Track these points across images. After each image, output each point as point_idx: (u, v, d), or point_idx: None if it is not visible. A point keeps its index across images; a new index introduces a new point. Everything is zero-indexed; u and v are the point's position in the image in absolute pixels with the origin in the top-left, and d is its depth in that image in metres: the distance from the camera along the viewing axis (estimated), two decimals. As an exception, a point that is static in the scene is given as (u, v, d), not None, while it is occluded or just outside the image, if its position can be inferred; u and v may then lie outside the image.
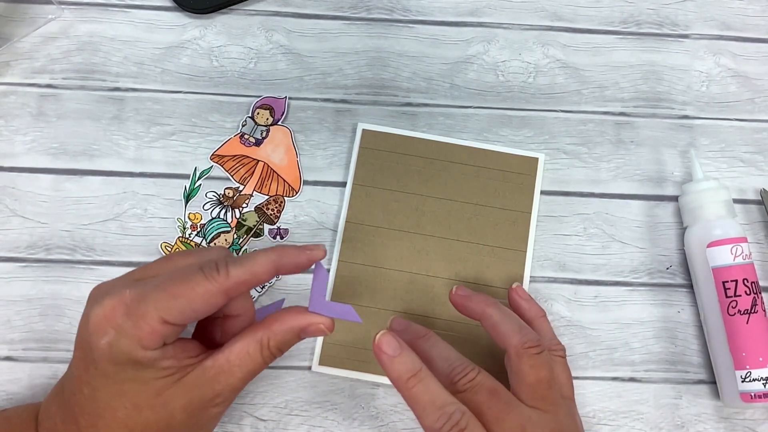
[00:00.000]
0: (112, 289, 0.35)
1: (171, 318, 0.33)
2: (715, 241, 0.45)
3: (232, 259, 0.35)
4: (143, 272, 0.36)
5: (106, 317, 0.33)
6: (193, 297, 0.33)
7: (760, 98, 0.53)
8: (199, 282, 0.34)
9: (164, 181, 0.49)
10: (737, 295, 0.44)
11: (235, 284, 0.34)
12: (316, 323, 0.36)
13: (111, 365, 0.33)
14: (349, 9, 0.54)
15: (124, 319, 0.33)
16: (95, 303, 0.34)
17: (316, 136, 0.51)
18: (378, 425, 0.46)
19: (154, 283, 0.34)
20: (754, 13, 0.55)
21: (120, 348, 0.33)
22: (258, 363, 0.36)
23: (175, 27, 0.53)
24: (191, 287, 0.33)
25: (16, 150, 0.49)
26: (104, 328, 0.33)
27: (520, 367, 0.38)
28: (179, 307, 0.33)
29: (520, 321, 0.41)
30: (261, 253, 0.36)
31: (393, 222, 0.48)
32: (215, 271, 0.34)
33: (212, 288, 0.34)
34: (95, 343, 0.33)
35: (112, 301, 0.33)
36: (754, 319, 0.44)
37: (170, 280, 0.34)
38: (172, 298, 0.33)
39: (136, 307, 0.33)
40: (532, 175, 0.50)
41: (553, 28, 0.54)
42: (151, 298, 0.33)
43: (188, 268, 0.35)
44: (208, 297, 0.34)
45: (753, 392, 0.43)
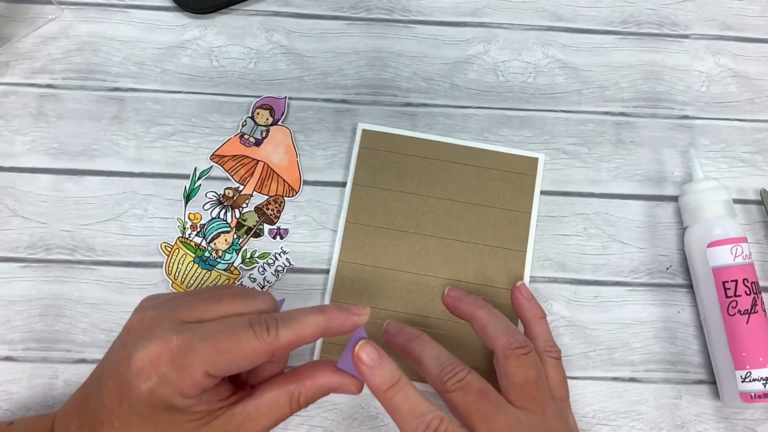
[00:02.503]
0: (158, 328, 0.34)
1: (215, 371, 0.33)
2: (715, 241, 0.45)
3: (281, 317, 0.35)
4: (190, 311, 0.35)
5: (151, 363, 0.33)
6: (240, 354, 0.33)
7: (760, 98, 0.53)
8: (249, 340, 0.33)
9: (164, 181, 0.49)
10: (737, 295, 0.44)
11: (283, 346, 0.34)
12: (347, 384, 0.37)
13: (147, 408, 0.33)
14: (349, 9, 0.54)
15: (169, 368, 0.33)
16: (139, 342, 0.34)
17: (316, 136, 0.51)
18: (378, 425, 0.46)
19: (202, 333, 0.33)
20: (754, 13, 0.55)
21: (160, 395, 0.33)
22: (285, 413, 0.36)
23: (175, 27, 0.53)
24: (240, 345, 0.33)
25: (16, 150, 0.49)
26: (148, 373, 0.33)
27: (507, 367, 0.39)
28: (225, 362, 0.33)
29: (508, 323, 0.41)
30: (311, 315, 0.35)
31: (393, 222, 0.48)
32: (265, 330, 0.34)
33: (260, 348, 0.34)
34: (136, 384, 0.33)
35: (158, 346, 0.33)
36: (754, 319, 0.44)
37: (219, 332, 0.33)
38: (219, 353, 0.33)
39: (183, 358, 0.33)
40: (532, 175, 0.50)
41: (553, 28, 0.54)
42: (198, 350, 0.33)
43: (237, 321, 0.34)
44: (254, 355, 0.34)
45: (753, 392, 0.43)
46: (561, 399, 0.41)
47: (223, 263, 0.47)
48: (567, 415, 0.41)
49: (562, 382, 0.42)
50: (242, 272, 0.47)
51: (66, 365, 0.46)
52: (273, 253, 0.48)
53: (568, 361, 0.47)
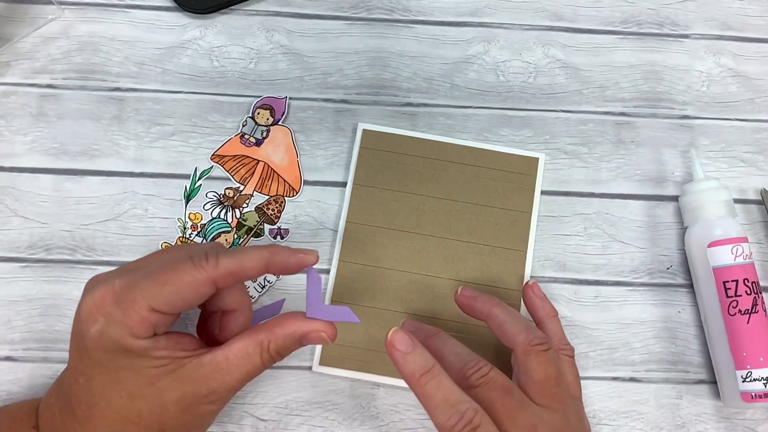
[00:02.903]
0: (104, 277, 0.35)
1: (159, 306, 0.34)
2: (716, 241, 0.45)
3: (223, 250, 0.36)
4: (137, 263, 0.37)
5: (96, 305, 0.34)
6: (180, 285, 0.34)
7: (760, 98, 0.53)
8: (187, 270, 0.34)
9: (164, 181, 0.49)
10: (738, 295, 0.44)
11: (224, 274, 0.35)
12: (317, 330, 0.37)
13: (103, 353, 0.34)
14: (350, 9, 0.54)
15: (113, 307, 0.33)
16: (87, 292, 0.35)
17: (316, 136, 0.51)
18: (378, 425, 0.46)
19: (143, 272, 0.35)
20: (754, 13, 0.55)
21: (110, 335, 0.33)
22: (256, 365, 0.36)
23: (176, 27, 0.53)
24: (179, 275, 0.34)
25: (16, 150, 0.49)
26: (95, 315, 0.34)
27: (527, 364, 0.38)
28: (167, 294, 0.34)
29: (525, 320, 0.41)
30: (254, 248, 0.36)
31: (393, 222, 0.48)
32: (204, 260, 0.34)
33: (200, 276, 0.34)
34: (86, 331, 0.34)
35: (102, 289, 0.34)
36: (754, 319, 0.44)
37: (159, 268, 0.34)
38: (160, 285, 0.34)
39: (125, 295, 0.33)
40: (532, 175, 0.50)
41: (554, 28, 0.54)
42: (140, 285, 0.34)
43: (178, 256, 0.35)
44: (196, 285, 0.34)
45: (754, 392, 0.43)
46: (576, 398, 0.41)
47: (224, 263, 0.47)
48: (582, 415, 0.41)
49: (576, 380, 0.42)
50: (242, 272, 0.47)
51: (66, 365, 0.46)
52: (273, 253, 0.48)
53: (568, 361, 0.47)
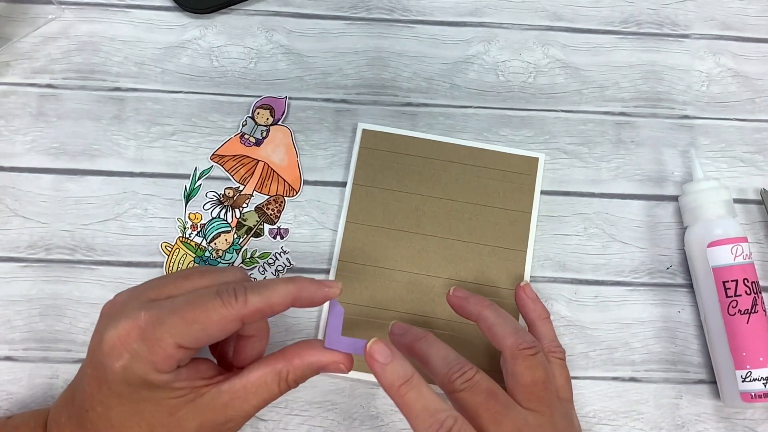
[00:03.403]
0: (127, 308, 0.34)
1: (185, 343, 0.33)
2: (716, 241, 0.45)
3: (250, 285, 0.35)
4: (159, 291, 0.36)
5: (121, 340, 0.33)
6: (208, 323, 0.33)
7: (760, 98, 0.53)
8: (216, 308, 0.33)
9: (164, 181, 0.49)
10: (737, 294, 0.44)
11: (252, 312, 0.34)
12: (336, 362, 0.37)
13: (125, 387, 0.33)
14: (349, 9, 0.54)
15: (139, 344, 0.33)
16: (110, 323, 0.34)
17: (316, 136, 0.51)
18: (378, 425, 0.46)
19: (170, 306, 0.34)
20: (754, 13, 0.55)
21: (134, 371, 0.33)
22: (274, 393, 0.36)
23: (175, 27, 0.53)
24: (207, 313, 0.33)
25: (16, 150, 0.49)
26: (119, 351, 0.33)
27: (515, 368, 0.38)
28: (194, 332, 0.33)
29: (515, 323, 0.41)
30: (280, 283, 0.35)
31: (393, 222, 0.48)
32: (233, 297, 0.34)
33: (228, 315, 0.34)
34: (109, 365, 0.33)
35: (127, 323, 0.33)
36: (754, 318, 0.44)
37: (186, 304, 0.34)
38: (187, 324, 0.33)
39: (151, 332, 0.33)
40: (532, 175, 0.50)
41: (553, 28, 0.54)
42: (167, 323, 0.33)
43: (205, 291, 0.34)
44: (224, 323, 0.34)
45: (753, 392, 0.43)
46: (566, 400, 0.41)
47: (224, 263, 0.47)
48: (572, 417, 0.41)
49: (567, 382, 0.42)
50: (242, 272, 0.47)
51: (66, 365, 0.46)
52: (273, 252, 0.48)
53: (568, 361, 0.47)
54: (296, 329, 0.47)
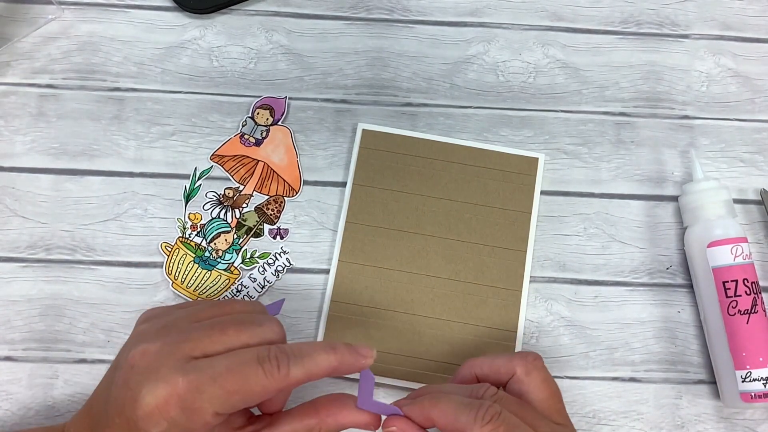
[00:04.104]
0: (163, 367, 0.33)
1: (224, 411, 0.33)
2: (716, 241, 0.45)
3: (292, 353, 0.34)
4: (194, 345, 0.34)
5: (159, 408, 0.32)
6: (249, 394, 0.33)
7: (760, 98, 0.53)
8: (258, 380, 0.33)
9: (164, 181, 0.49)
10: (737, 295, 0.44)
11: (292, 384, 0.34)
12: (367, 423, 0.36)
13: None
14: (349, 9, 0.54)
15: (178, 413, 0.32)
16: (145, 384, 0.33)
17: (316, 136, 0.51)
18: (378, 425, 0.45)
19: (209, 373, 0.33)
20: (754, 13, 0.55)
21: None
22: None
23: (175, 27, 0.53)
24: (249, 385, 0.33)
25: (16, 150, 0.49)
26: (156, 419, 0.32)
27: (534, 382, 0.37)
28: (234, 402, 0.33)
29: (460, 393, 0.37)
30: (322, 353, 0.34)
31: (393, 222, 0.48)
32: (276, 368, 0.33)
33: (270, 386, 0.33)
34: (144, 428, 0.33)
35: (165, 390, 0.32)
36: (754, 319, 0.44)
37: (227, 372, 0.33)
38: (228, 394, 0.32)
39: (191, 402, 0.32)
40: (532, 175, 0.50)
41: (553, 28, 0.54)
42: (207, 392, 0.32)
43: (246, 356, 0.33)
44: (264, 394, 0.33)
45: (753, 392, 0.43)
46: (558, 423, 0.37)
47: (223, 263, 0.47)
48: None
49: (551, 396, 0.38)
50: (242, 272, 0.47)
51: (66, 365, 0.46)
52: (273, 253, 0.48)
53: (568, 361, 0.47)
54: (296, 329, 0.47)
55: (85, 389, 0.45)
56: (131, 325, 0.38)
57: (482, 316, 0.47)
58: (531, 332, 0.47)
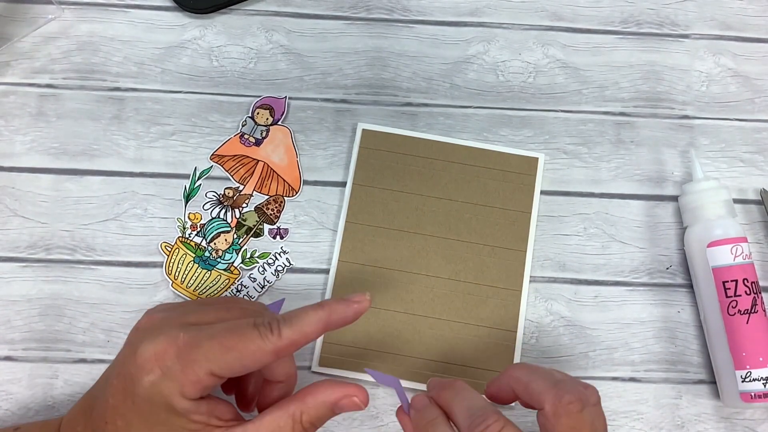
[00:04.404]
0: (165, 326, 0.35)
1: (218, 370, 0.33)
2: (716, 241, 0.45)
3: (282, 319, 0.35)
4: (198, 316, 0.36)
5: (157, 356, 0.33)
6: (245, 353, 0.33)
7: (760, 98, 0.53)
8: (254, 339, 0.34)
9: (164, 181, 0.49)
10: (737, 295, 0.44)
11: (287, 345, 0.34)
12: (349, 395, 0.36)
13: (147, 404, 0.33)
14: (349, 9, 0.54)
15: (174, 362, 0.33)
16: (147, 337, 0.34)
17: (316, 136, 0.51)
18: (378, 425, 0.46)
19: (208, 331, 0.34)
20: (754, 13, 0.55)
21: (161, 389, 0.33)
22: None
23: (175, 27, 0.53)
24: (245, 343, 0.33)
25: (16, 150, 0.49)
26: (151, 365, 0.33)
27: (557, 427, 0.33)
28: (230, 360, 0.33)
29: (555, 374, 0.36)
30: (310, 311, 0.35)
31: (393, 222, 0.48)
32: (269, 330, 0.34)
33: (265, 347, 0.34)
34: (138, 377, 0.33)
35: (165, 340, 0.33)
36: (754, 319, 0.44)
37: (225, 331, 0.34)
38: (224, 350, 0.33)
39: (188, 353, 0.33)
40: (532, 175, 0.50)
41: (553, 28, 0.54)
42: (204, 346, 0.33)
43: (242, 322, 0.35)
44: (260, 355, 0.34)
45: (753, 392, 0.43)
46: None
47: (223, 263, 0.47)
48: None
49: None
50: (242, 272, 0.47)
51: (66, 365, 0.46)
52: (273, 252, 0.48)
53: (568, 361, 0.47)
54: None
55: (85, 389, 0.45)
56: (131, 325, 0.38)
57: (482, 316, 0.47)
58: (531, 332, 0.47)
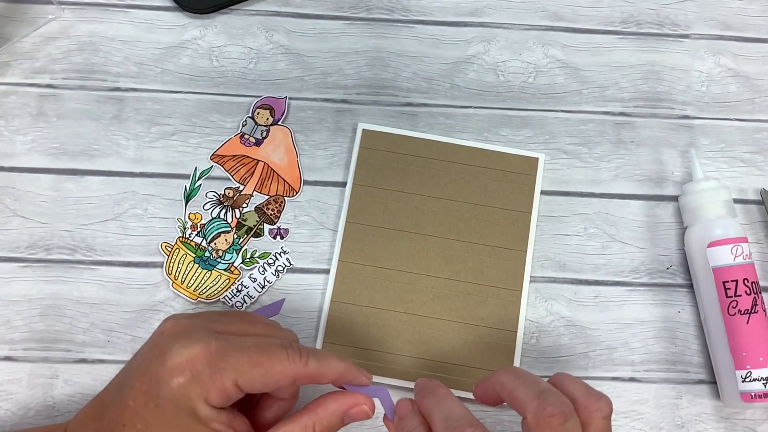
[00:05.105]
0: (196, 332, 0.35)
1: (244, 383, 0.34)
2: (716, 241, 0.45)
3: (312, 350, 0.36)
4: (225, 327, 0.37)
5: (189, 360, 0.34)
6: (270, 371, 0.34)
7: (760, 98, 0.53)
8: (281, 360, 0.35)
9: (164, 181, 0.49)
10: (737, 295, 0.44)
11: (308, 375, 0.35)
12: (358, 404, 0.37)
13: (171, 407, 0.34)
14: (349, 9, 0.54)
15: (204, 367, 0.34)
16: (179, 342, 0.35)
17: (316, 136, 0.51)
18: (378, 425, 0.45)
19: (239, 344, 0.35)
20: (754, 13, 0.55)
21: (187, 393, 0.34)
22: None
23: (175, 27, 0.53)
24: (272, 362, 0.34)
25: (16, 150, 0.49)
26: (182, 369, 0.34)
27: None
28: (256, 376, 0.34)
29: (541, 383, 0.35)
30: (335, 358, 0.37)
31: (393, 222, 0.48)
32: (297, 355, 0.35)
33: (289, 370, 0.35)
34: (167, 379, 0.34)
35: (199, 346, 0.34)
36: (754, 319, 0.44)
37: (255, 347, 0.35)
38: (252, 365, 0.34)
39: (218, 360, 0.34)
40: (532, 175, 0.50)
41: (553, 28, 0.54)
42: (234, 357, 0.34)
43: (271, 340, 0.36)
44: (283, 376, 0.35)
45: (753, 392, 0.43)
46: None
47: (224, 263, 0.47)
48: None
49: None
50: (242, 272, 0.47)
51: (66, 365, 0.46)
52: (273, 253, 0.48)
53: (568, 361, 0.47)
54: (296, 329, 0.46)
55: (85, 389, 0.45)
56: (131, 325, 0.38)
57: (482, 316, 0.47)
58: (531, 332, 0.47)
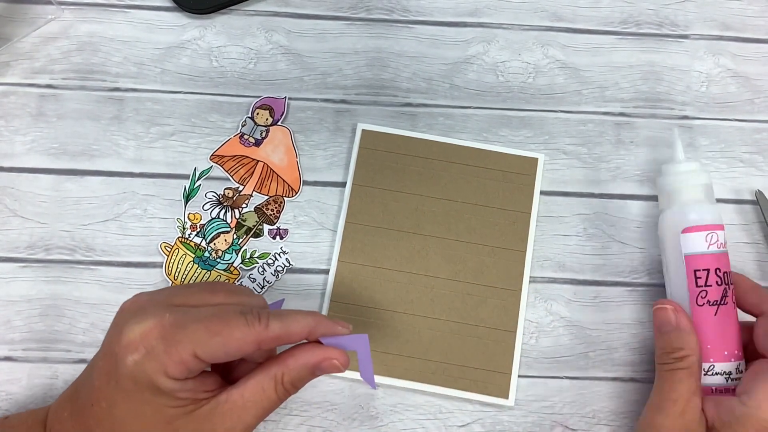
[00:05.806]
0: (151, 307, 0.35)
1: (202, 354, 0.33)
2: (690, 227, 0.43)
3: (272, 313, 0.36)
4: (184, 299, 0.36)
5: (142, 336, 0.33)
6: (229, 339, 0.34)
7: (760, 98, 0.53)
8: (239, 326, 0.34)
9: (164, 182, 0.49)
10: (708, 285, 0.42)
11: (271, 337, 0.35)
12: (329, 358, 0.36)
13: (132, 384, 0.34)
14: (349, 9, 0.54)
15: (158, 342, 0.33)
16: (132, 318, 0.34)
17: (315, 136, 0.51)
18: (378, 425, 0.46)
19: (195, 314, 0.34)
20: (754, 13, 0.55)
21: (144, 369, 0.33)
22: (272, 400, 0.36)
23: (175, 27, 0.53)
24: (230, 329, 0.34)
25: (16, 150, 0.49)
26: (136, 345, 0.33)
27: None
28: (214, 345, 0.34)
29: None
30: (301, 314, 0.36)
31: (393, 222, 0.48)
32: (256, 319, 0.34)
33: (250, 335, 0.34)
34: (122, 357, 0.33)
35: (151, 321, 0.34)
36: (722, 311, 0.42)
37: (212, 315, 0.34)
38: (210, 334, 0.34)
39: (173, 334, 0.33)
40: (531, 176, 0.50)
41: (553, 28, 0.54)
42: (190, 329, 0.33)
43: (230, 308, 0.35)
44: (243, 342, 0.34)
45: (714, 386, 0.41)
46: None
47: (223, 263, 0.47)
48: None
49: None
50: (242, 272, 0.47)
51: (66, 365, 0.46)
52: (273, 253, 0.48)
53: (568, 361, 0.47)
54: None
55: (85, 389, 0.45)
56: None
57: (482, 316, 0.47)
58: (531, 332, 0.47)
